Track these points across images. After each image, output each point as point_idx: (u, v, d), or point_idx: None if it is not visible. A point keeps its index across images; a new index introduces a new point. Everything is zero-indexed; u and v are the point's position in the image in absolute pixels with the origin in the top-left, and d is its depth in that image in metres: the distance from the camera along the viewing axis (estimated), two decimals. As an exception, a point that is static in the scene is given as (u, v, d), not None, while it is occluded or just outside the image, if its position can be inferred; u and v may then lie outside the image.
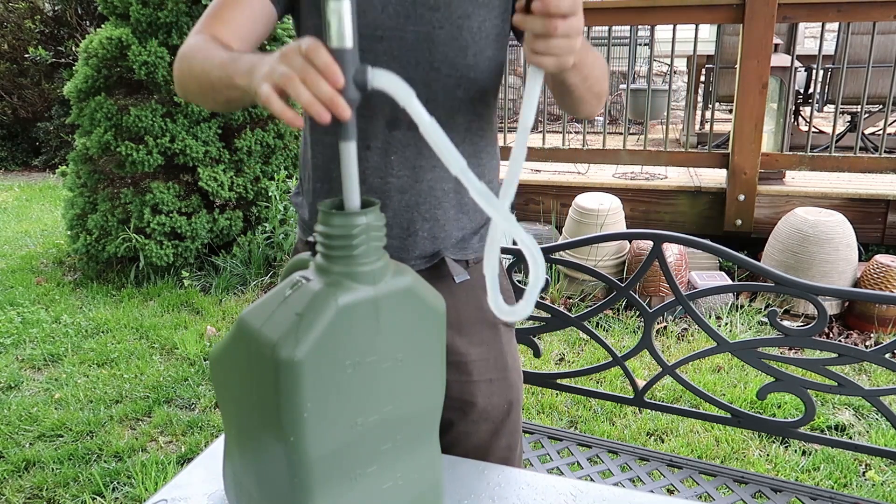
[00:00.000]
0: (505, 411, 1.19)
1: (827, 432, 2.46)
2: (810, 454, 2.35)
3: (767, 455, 2.36)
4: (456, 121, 1.07)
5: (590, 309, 1.66)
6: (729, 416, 1.57)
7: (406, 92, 0.73)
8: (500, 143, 1.19)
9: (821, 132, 5.16)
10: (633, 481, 1.58)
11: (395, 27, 1.02)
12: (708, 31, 6.20)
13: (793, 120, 5.04)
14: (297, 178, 1.06)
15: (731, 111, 4.19)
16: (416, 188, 1.08)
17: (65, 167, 4.32)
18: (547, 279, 1.68)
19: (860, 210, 3.71)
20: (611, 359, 1.67)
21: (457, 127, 1.08)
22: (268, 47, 4.08)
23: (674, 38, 3.95)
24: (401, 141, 1.06)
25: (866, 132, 5.01)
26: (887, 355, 1.37)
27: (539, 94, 0.84)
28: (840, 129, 4.65)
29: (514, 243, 0.88)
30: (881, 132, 3.93)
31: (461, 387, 1.15)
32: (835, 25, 5.28)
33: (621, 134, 4.54)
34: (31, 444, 2.52)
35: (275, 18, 1.07)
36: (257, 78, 0.77)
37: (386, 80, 0.72)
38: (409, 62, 1.03)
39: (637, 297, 1.62)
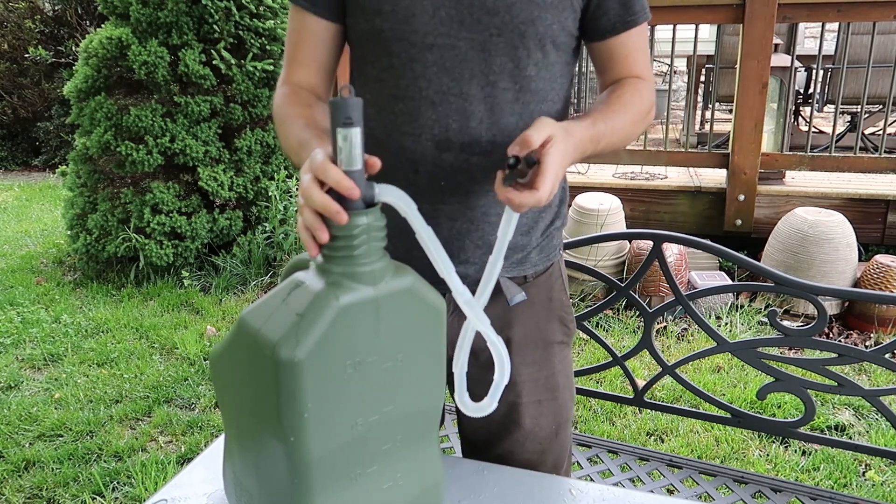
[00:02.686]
0: (553, 432, 1.14)
1: (827, 432, 2.46)
2: (810, 454, 2.35)
3: (767, 455, 2.36)
4: (515, 138, 1.00)
5: (590, 309, 1.66)
6: (729, 416, 1.57)
7: (409, 204, 0.77)
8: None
9: (821, 132, 5.17)
10: (633, 481, 1.58)
11: (447, 34, 0.93)
12: (708, 31, 6.20)
13: (793, 120, 5.04)
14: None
15: (731, 111, 4.19)
16: (467, 215, 1.01)
17: (65, 167, 4.32)
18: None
19: (860, 210, 3.71)
20: (611, 359, 1.67)
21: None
22: (268, 47, 4.08)
23: (674, 38, 3.95)
24: (451, 165, 0.98)
25: (866, 132, 5.01)
26: (887, 355, 1.37)
27: (514, 227, 0.90)
28: (840, 129, 4.65)
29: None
30: (881, 132, 3.93)
31: (508, 407, 1.10)
32: (835, 25, 5.28)
33: (621, 134, 4.53)
34: (31, 444, 2.52)
35: (339, 29, 1.04)
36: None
37: (391, 194, 0.76)
38: (463, 75, 0.95)
39: (637, 297, 1.62)
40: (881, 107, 4.69)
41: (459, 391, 0.90)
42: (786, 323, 1.46)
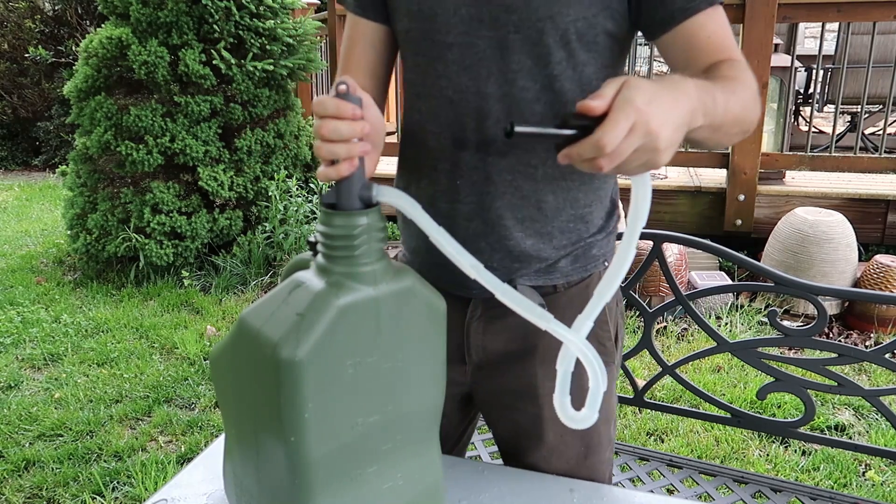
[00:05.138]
0: (581, 454, 1.07)
1: (827, 432, 2.46)
2: (810, 454, 2.35)
3: (767, 455, 2.36)
4: (536, 144, 0.94)
5: (590, 309, 1.65)
6: (729, 416, 1.57)
7: (411, 204, 0.76)
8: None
9: (821, 132, 5.17)
10: (633, 481, 1.58)
11: (467, 32, 0.92)
12: (708, 31, 6.19)
13: (793, 120, 5.04)
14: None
15: (731, 111, 4.18)
16: (483, 216, 0.98)
17: (65, 167, 4.32)
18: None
19: (860, 210, 3.71)
20: (611, 359, 1.66)
21: (535, 150, 0.94)
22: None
23: (674, 38, 3.94)
24: (468, 163, 0.96)
25: (866, 132, 5.01)
26: (887, 355, 1.37)
27: (648, 195, 0.74)
28: (840, 129, 4.65)
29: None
30: (881, 132, 3.93)
31: (531, 418, 1.06)
32: (835, 25, 5.29)
33: (621, 134, 4.53)
34: (31, 443, 2.52)
35: (389, 32, 1.03)
36: None
37: (390, 195, 0.75)
38: (480, 73, 0.93)
39: (637, 296, 1.62)
40: (881, 107, 4.69)
41: (561, 396, 0.81)
42: (786, 323, 1.46)
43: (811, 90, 5.17)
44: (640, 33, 0.97)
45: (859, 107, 4.01)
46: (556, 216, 0.99)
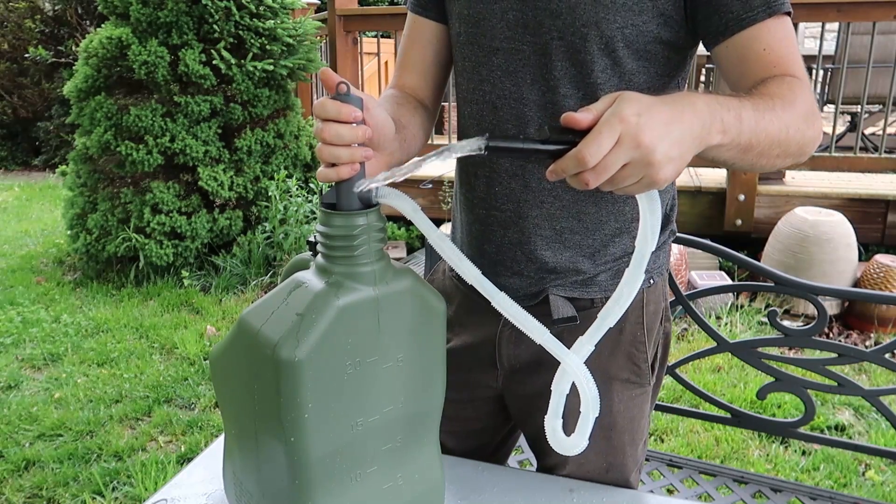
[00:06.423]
0: (602, 469, 1.04)
1: (827, 432, 2.46)
2: (810, 454, 2.35)
3: (767, 455, 2.36)
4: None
5: (590, 309, 1.65)
6: (729, 415, 1.57)
7: (410, 205, 0.74)
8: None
9: (821, 132, 5.16)
10: (633, 481, 1.58)
11: (512, 38, 0.91)
12: (708, 31, 6.19)
13: (793, 120, 5.02)
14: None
15: (731, 111, 4.17)
16: (519, 225, 0.97)
17: (65, 167, 4.32)
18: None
19: (860, 210, 3.71)
20: (611, 359, 1.66)
21: None
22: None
23: (674, 37, 3.94)
24: (507, 171, 0.96)
25: (866, 132, 5.01)
26: (887, 355, 1.37)
27: (658, 217, 0.71)
28: (840, 129, 4.65)
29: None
30: (881, 132, 3.93)
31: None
32: (835, 25, 5.28)
33: (621, 134, 4.53)
34: (31, 443, 2.52)
35: (447, 30, 1.03)
36: None
37: (390, 196, 0.74)
38: (524, 79, 0.92)
39: (637, 297, 1.62)
40: (881, 107, 4.69)
41: (553, 419, 0.78)
42: (786, 323, 1.46)
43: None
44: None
45: (859, 107, 4.01)
46: (597, 229, 0.97)
